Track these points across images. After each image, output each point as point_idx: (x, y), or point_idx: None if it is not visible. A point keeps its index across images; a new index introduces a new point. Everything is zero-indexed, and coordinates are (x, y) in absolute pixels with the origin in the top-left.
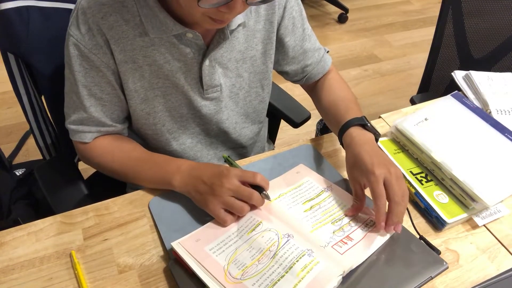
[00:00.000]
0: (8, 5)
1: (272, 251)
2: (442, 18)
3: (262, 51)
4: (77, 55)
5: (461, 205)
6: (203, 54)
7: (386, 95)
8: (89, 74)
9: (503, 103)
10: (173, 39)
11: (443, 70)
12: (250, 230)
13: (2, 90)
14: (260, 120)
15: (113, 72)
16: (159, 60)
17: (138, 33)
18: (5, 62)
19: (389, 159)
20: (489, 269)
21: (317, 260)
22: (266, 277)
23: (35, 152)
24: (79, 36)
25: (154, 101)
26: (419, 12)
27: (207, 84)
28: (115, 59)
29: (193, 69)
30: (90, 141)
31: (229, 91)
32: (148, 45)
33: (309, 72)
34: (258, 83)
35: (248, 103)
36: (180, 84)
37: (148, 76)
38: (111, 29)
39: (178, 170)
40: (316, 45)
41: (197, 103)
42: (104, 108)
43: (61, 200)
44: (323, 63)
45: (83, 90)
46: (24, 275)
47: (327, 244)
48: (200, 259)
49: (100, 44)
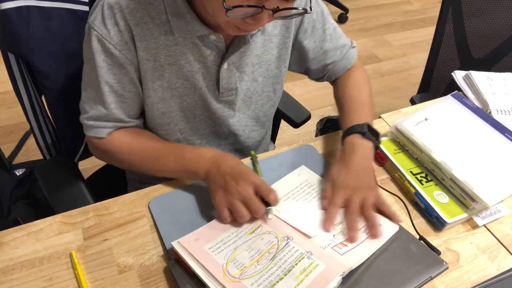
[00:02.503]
0: (8, 5)
1: (271, 253)
2: (442, 18)
3: (277, 56)
4: (101, 50)
5: (461, 205)
6: (222, 57)
7: (386, 95)
8: (112, 70)
9: (503, 103)
10: (196, 40)
11: (443, 70)
12: (249, 231)
13: (2, 90)
14: (269, 124)
15: (136, 69)
16: (181, 60)
17: (163, 31)
18: (5, 62)
19: (368, 175)
20: (489, 269)
21: (316, 263)
22: (265, 278)
23: (35, 152)
24: (104, 32)
25: (171, 100)
26: (419, 12)
27: (224, 87)
28: (138, 56)
29: (212, 71)
30: (106, 136)
31: (244, 94)
32: (172, 44)
33: (330, 70)
34: (271, 87)
35: (260, 107)
36: (198, 85)
37: (167, 76)
38: (138, 25)
39: (203, 159)
40: (338, 43)
41: (212, 105)
42: (124, 105)
43: (61, 200)
44: (345, 61)
45: (104, 86)
46: (24, 275)
47: (327, 246)
48: (199, 258)
49: (126, 40)
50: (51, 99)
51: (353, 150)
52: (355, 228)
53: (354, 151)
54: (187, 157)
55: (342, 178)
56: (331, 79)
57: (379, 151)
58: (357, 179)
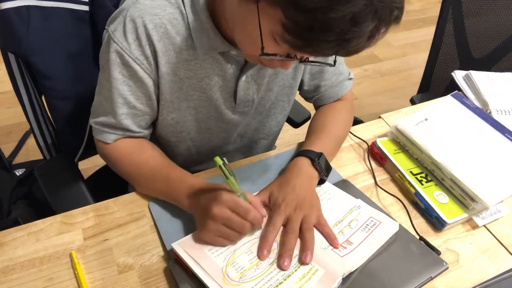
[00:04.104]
0: (8, 4)
1: (271, 258)
2: (442, 18)
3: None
4: (119, 63)
5: (461, 205)
6: (240, 70)
7: (386, 95)
8: (127, 82)
9: (503, 103)
10: (217, 55)
11: (443, 70)
12: (249, 233)
13: (2, 90)
14: (278, 131)
15: (154, 83)
16: (200, 74)
17: (185, 46)
18: (5, 62)
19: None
20: (489, 269)
21: (315, 268)
22: (265, 282)
23: (35, 152)
24: (124, 45)
25: (186, 111)
26: (419, 12)
27: (241, 99)
28: (159, 70)
29: (230, 84)
30: (112, 142)
31: (258, 103)
32: (192, 59)
33: (321, 93)
34: (286, 97)
35: (272, 115)
36: (215, 97)
37: (185, 88)
38: (160, 40)
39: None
40: (338, 68)
41: (227, 116)
42: (135, 116)
43: (61, 200)
44: (338, 88)
45: (117, 97)
46: (24, 275)
47: (327, 247)
48: (199, 260)
49: (147, 54)
50: (51, 99)
51: (298, 172)
52: (291, 249)
53: (299, 173)
54: (176, 185)
55: (283, 196)
56: (319, 103)
57: (379, 151)
58: (298, 197)
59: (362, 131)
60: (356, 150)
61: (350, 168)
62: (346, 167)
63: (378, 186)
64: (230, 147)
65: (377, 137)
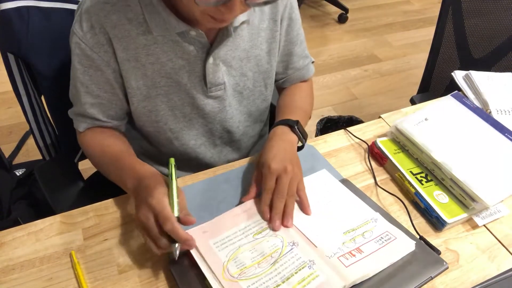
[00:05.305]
0: (8, 5)
1: (273, 258)
2: (442, 18)
3: (267, 50)
4: (78, 53)
5: (461, 205)
6: (206, 52)
7: (386, 95)
8: (87, 72)
9: (503, 103)
10: (176, 37)
11: (443, 70)
12: (257, 232)
13: (2, 90)
14: (262, 119)
15: (114, 70)
16: (162, 58)
17: (141, 31)
18: (5, 62)
19: (295, 159)
20: (489, 269)
21: (316, 274)
22: (262, 282)
23: (35, 152)
24: (80, 34)
25: (156, 99)
26: (419, 12)
27: (211, 82)
28: (117, 57)
29: (197, 67)
30: (83, 130)
31: (233, 89)
32: (151, 43)
33: (288, 75)
34: (262, 82)
35: (252, 102)
36: (183, 82)
37: (150, 75)
38: (114, 27)
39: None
40: (304, 52)
41: (200, 101)
42: (101, 105)
43: (61, 200)
44: (304, 71)
45: (80, 87)
46: (24, 275)
47: (333, 255)
48: (203, 252)
49: (102, 42)
50: (51, 100)
51: (280, 137)
52: (280, 212)
53: (281, 138)
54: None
55: (270, 159)
56: (285, 84)
57: (379, 151)
58: (284, 159)
59: (362, 131)
60: (356, 150)
61: (350, 168)
62: (346, 167)
63: (378, 186)
64: (217, 141)
65: (377, 137)
